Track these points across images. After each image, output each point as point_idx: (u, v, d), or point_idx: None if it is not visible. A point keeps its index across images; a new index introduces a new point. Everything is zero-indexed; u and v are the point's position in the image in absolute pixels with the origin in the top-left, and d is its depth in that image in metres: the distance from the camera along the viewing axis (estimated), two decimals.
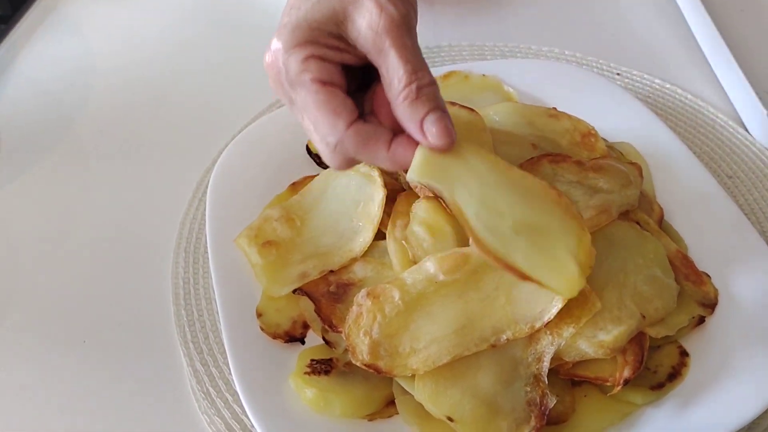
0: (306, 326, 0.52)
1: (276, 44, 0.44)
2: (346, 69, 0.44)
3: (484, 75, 0.68)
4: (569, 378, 0.49)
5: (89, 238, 0.62)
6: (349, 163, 0.45)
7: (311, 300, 0.51)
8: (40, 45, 0.81)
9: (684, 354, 0.50)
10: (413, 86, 0.42)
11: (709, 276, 0.54)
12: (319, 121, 0.43)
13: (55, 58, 0.79)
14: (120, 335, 0.56)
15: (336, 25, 0.43)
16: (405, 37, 0.43)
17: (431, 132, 0.42)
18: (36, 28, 0.82)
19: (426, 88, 0.43)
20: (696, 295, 0.52)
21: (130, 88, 0.76)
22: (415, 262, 0.50)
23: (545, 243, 0.44)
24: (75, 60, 0.79)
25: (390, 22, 0.42)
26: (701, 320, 0.51)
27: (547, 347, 0.47)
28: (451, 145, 0.43)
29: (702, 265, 0.54)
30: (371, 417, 0.48)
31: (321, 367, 0.49)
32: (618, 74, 0.75)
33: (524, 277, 0.43)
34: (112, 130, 0.71)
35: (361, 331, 0.47)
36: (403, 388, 0.47)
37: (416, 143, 0.44)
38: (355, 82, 0.46)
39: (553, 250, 0.44)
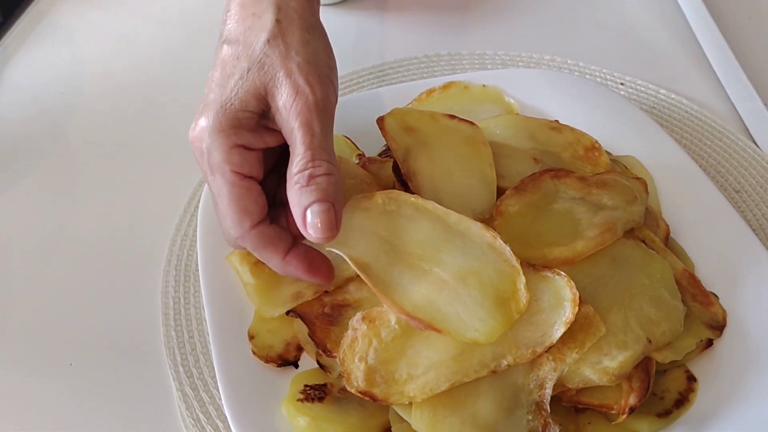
0: (300, 348, 0.51)
1: (202, 122, 0.45)
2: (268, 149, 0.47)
3: (484, 85, 0.66)
4: (573, 405, 0.47)
5: (76, 254, 0.61)
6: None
7: (305, 323, 0.50)
8: (32, 52, 0.79)
9: (691, 379, 0.48)
10: (306, 173, 0.44)
11: (717, 296, 0.52)
12: (227, 214, 0.46)
13: (47, 64, 0.78)
14: (108, 358, 0.54)
15: (258, 102, 0.45)
16: (314, 122, 0.44)
17: (311, 223, 0.43)
18: (27, 35, 0.81)
19: (319, 178, 0.44)
20: (704, 316, 0.51)
21: (121, 96, 0.74)
22: None
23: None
24: (66, 66, 0.78)
25: (303, 105, 0.44)
26: (709, 343, 0.50)
27: (550, 373, 0.45)
28: (329, 239, 0.44)
29: (709, 284, 0.53)
30: None
31: (315, 394, 0.47)
32: (622, 84, 0.73)
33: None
34: (102, 139, 0.70)
35: (356, 356, 0.45)
36: (399, 416, 0.46)
37: (307, 259, 0.47)
38: (274, 159, 0.48)
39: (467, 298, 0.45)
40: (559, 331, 0.45)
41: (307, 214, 0.44)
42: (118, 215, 0.63)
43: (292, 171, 0.44)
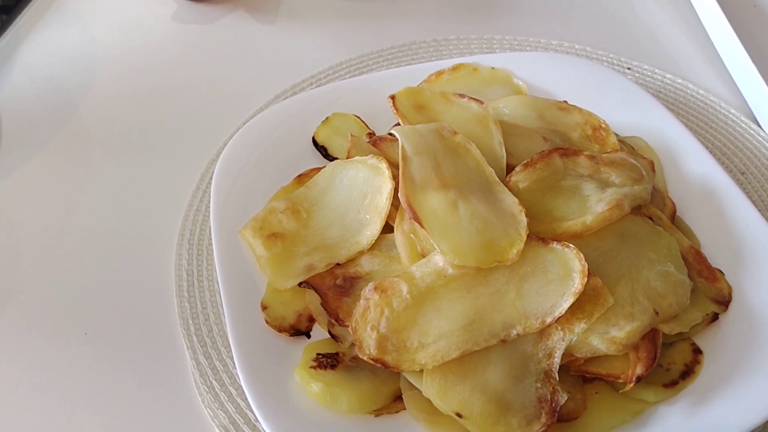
0: (312, 320, 0.52)
1: None
2: None
3: (493, 68, 0.66)
4: (580, 374, 0.48)
5: (91, 229, 0.61)
6: None
7: (317, 293, 0.50)
8: (44, 34, 0.80)
9: (697, 351, 0.49)
10: None
11: (722, 272, 0.53)
12: None
13: (58, 46, 0.78)
14: (122, 327, 0.55)
15: None
16: None
17: None
18: (40, 17, 0.82)
19: None
20: (709, 291, 0.51)
21: (133, 77, 0.75)
22: (423, 256, 0.49)
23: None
24: (79, 47, 0.78)
25: None
26: (715, 317, 0.51)
27: (558, 343, 0.46)
28: None
29: (715, 261, 0.53)
30: (378, 412, 0.47)
31: (327, 362, 0.48)
32: (629, 68, 0.74)
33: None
34: (114, 119, 0.71)
35: (368, 325, 0.46)
36: (410, 383, 0.46)
37: None
38: None
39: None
40: (567, 301, 0.46)
41: None
42: (133, 193, 0.64)
43: None
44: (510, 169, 0.54)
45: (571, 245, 0.47)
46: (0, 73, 0.75)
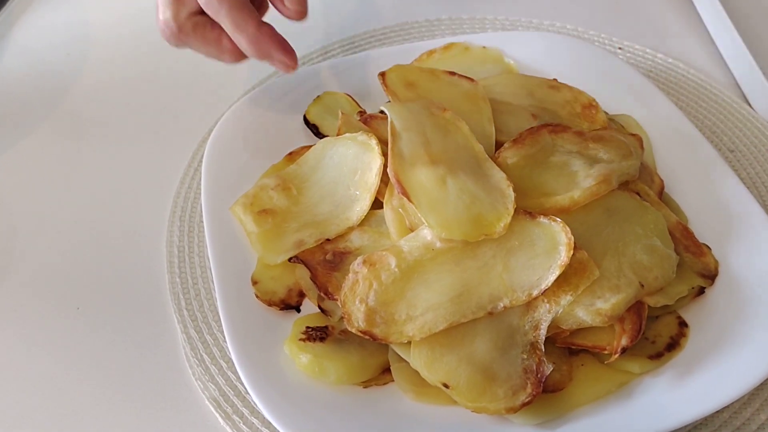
0: (302, 294, 0.52)
1: None
2: None
3: (484, 47, 0.67)
4: (566, 346, 0.48)
5: (84, 207, 0.62)
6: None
7: (307, 268, 0.51)
8: (38, 14, 0.80)
9: (683, 324, 0.50)
10: None
11: (709, 248, 0.53)
12: None
13: (52, 27, 0.79)
14: (114, 302, 0.55)
15: None
16: None
17: None
18: None
19: None
20: (696, 266, 0.52)
21: (125, 58, 0.75)
22: (412, 231, 0.49)
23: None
24: (72, 29, 0.79)
25: None
26: (701, 291, 0.51)
27: (545, 315, 0.47)
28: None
29: (703, 237, 0.54)
30: (366, 384, 0.47)
31: (316, 334, 0.48)
32: (620, 48, 0.74)
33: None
34: (107, 99, 0.71)
35: (357, 298, 0.47)
36: (398, 355, 0.47)
37: (278, 37, 0.50)
38: None
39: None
40: (554, 274, 0.46)
41: None
42: (125, 170, 0.64)
43: None
44: (499, 145, 0.54)
45: (557, 219, 0.48)
46: None
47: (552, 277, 0.46)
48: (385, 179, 0.53)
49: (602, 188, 0.51)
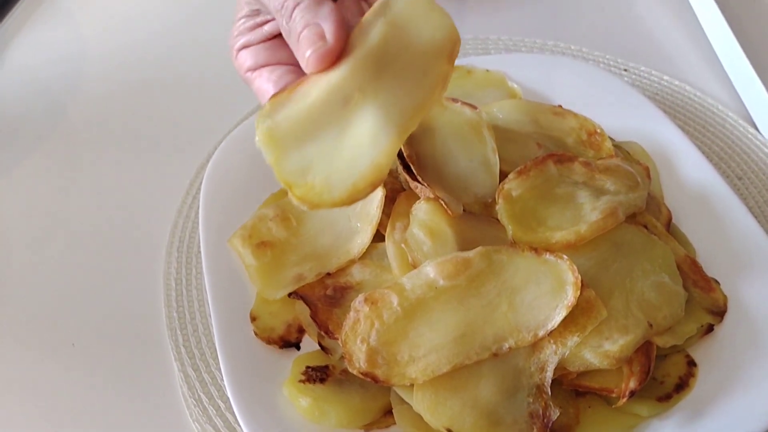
0: (301, 330, 0.51)
1: None
2: None
3: (487, 70, 0.65)
4: (573, 389, 0.47)
5: (78, 236, 0.61)
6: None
7: (307, 304, 0.50)
8: (33, 33, 0.79)
9: (692, 364, 0.48)
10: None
11: (718, 282, 0.52)
12: None
13: (48, 45, 0.78)
14: (110, 338, 0.54)
15: None
16: None
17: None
18: (29, 15, 0.81)
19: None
20: (705, 302, 0.51)
21: (122, 78, 0.74)
22: (414, 266, 0.48)
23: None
24: (67, 47, 0.78)
25: None
26: (710, 328, 0.50)
27: (551, 356, 0.46)
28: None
29: (711, 270, 0.53)
30: (368, 427, 0.46)
31: (316, 375, 0.47)
32: (625, 70, 0.73)
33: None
34: (103, 121, 0.70)
35: (358, 338, 0.45)
36: (401, 397, 0.46)
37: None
38: None
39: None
40: (560, 314, 0.45)
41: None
42: (120, 197, 0.63)
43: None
44: (503, 175, 0.53)
45: (564, 257, 0.46)
46: None
47: (559, 318, 0.45)
48: (386, 211, 0.52)
49: (609, 222, 0.50)
